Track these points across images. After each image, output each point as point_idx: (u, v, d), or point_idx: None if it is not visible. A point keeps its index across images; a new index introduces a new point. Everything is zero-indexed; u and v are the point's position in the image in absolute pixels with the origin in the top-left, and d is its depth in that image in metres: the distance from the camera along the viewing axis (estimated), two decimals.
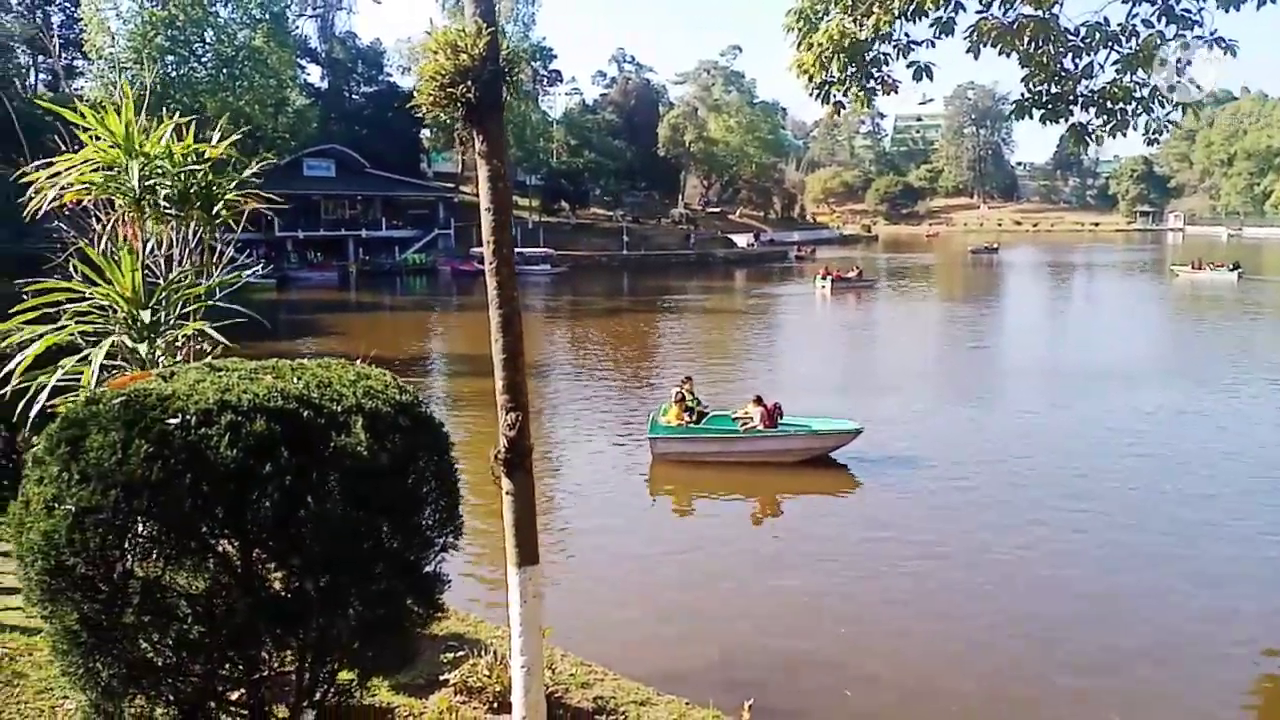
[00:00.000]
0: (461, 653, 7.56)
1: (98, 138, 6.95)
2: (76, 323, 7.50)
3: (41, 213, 7.96)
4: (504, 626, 8.00)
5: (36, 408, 6.79)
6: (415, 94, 7.59)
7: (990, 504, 15.02)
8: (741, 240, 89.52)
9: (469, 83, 7.65)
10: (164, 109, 8.65)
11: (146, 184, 6.81)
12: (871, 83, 7.00)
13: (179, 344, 7.54)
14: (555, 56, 76.31)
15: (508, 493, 5.17)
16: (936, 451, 18.05)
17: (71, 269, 8.48)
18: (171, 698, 3.79)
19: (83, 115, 7.03)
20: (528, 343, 5.47)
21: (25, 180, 7.47)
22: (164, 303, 7.28)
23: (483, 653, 7.69)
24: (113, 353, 7.12)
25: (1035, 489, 15.70)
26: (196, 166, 7.09)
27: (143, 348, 6.92)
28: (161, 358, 7.16)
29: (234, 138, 7.54)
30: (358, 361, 4.85)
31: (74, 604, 3.70)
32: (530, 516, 5.33)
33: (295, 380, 4.25)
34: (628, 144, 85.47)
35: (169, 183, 6.99)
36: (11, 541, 4.00)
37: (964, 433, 20.11)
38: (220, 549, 3.87)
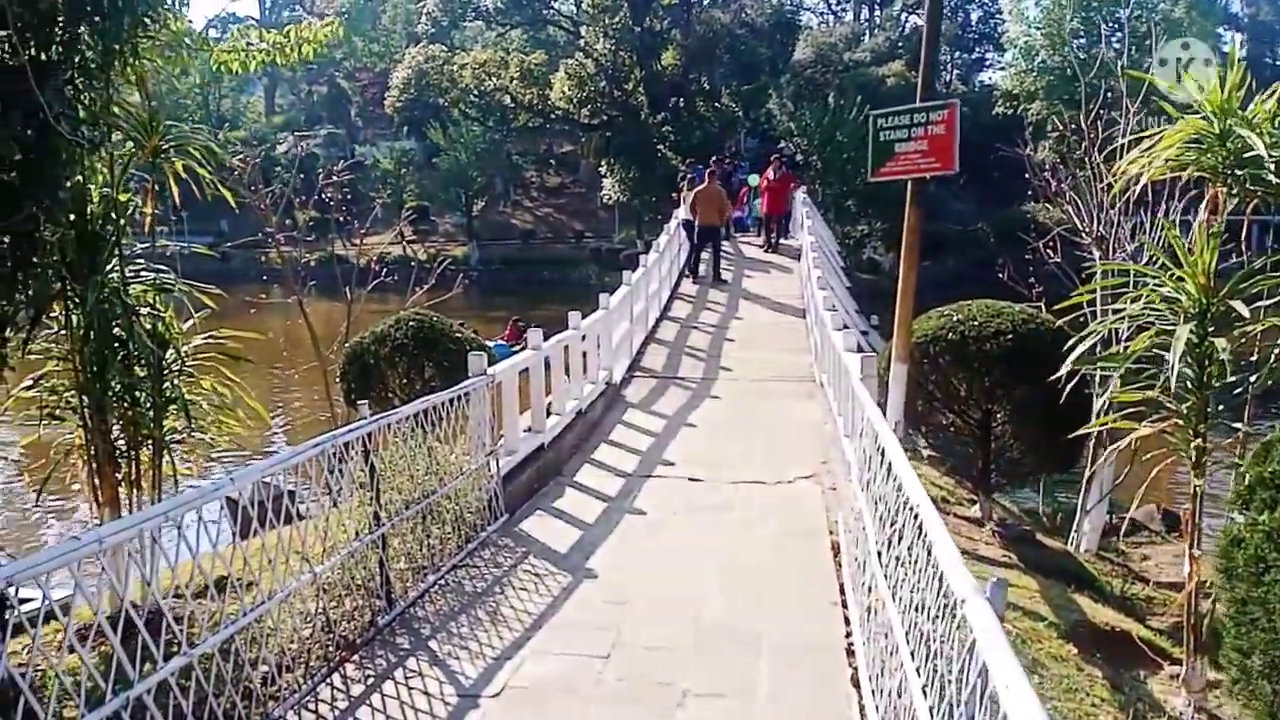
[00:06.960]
0: None
1: (1192, 110, 6.38)
2: (1141, 309, 7.08)
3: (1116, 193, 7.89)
4: None
5: (1103, 399, 6.62)
6: None
7: None
8: None
9: None
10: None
11: (1250, 157, 5.93)
12: None
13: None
14: None
15: None
16: None
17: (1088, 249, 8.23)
18: None
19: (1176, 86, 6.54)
20: None
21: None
22: (1239, 292, 6.36)
23: None
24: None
25: None
26: None
27: (1220, 343, 6.12)
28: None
29: None
30: None
31: None
32: None
33: None
34: None
35: (1275, 154, 6.00)
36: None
37: None
38: None
